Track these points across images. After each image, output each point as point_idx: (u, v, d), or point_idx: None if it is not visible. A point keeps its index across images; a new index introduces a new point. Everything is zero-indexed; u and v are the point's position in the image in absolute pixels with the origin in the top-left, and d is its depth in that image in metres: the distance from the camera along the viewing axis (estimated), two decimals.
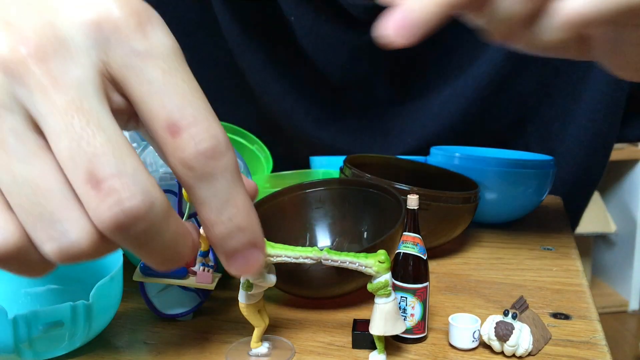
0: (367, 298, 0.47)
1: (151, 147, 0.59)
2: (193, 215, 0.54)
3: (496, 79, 0.83)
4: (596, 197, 2.34)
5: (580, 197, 0.92)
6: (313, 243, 0.63)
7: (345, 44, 0.82)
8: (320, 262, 0.44)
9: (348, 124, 0.88)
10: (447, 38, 0.83)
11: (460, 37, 0.83)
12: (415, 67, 0.85)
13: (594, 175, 0.89)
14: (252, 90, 0.88)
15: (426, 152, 0.80)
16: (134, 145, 0.69)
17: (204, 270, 0.50)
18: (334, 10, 0.80)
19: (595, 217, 2.32)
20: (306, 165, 0.86)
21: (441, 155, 0.74)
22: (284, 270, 0.50)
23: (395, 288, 0.47)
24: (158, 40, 0.24)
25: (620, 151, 2.19)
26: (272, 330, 0.50)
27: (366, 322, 0.46)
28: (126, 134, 0.69)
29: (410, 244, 0.48)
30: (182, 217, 0.54)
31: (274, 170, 0.81)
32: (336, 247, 0.62)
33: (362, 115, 0.88)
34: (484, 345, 0.47)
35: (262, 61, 0.86)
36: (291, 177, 0.77)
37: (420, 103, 0.86)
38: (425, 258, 0.48)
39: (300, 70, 0.86)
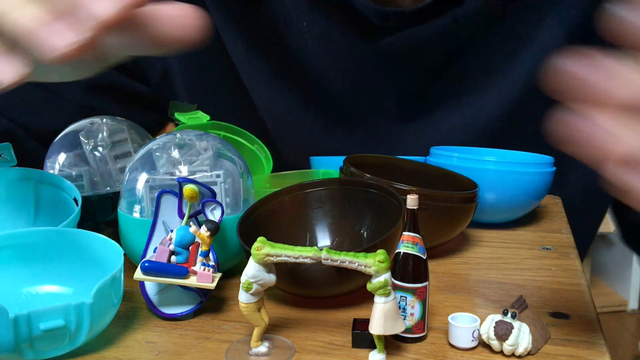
0: (367, 297, 0.47)
1: (153, 151, 0.59)
2: (193, 215, 0.54)
3: (510, 114, 0.82)
4: None
5: (601, 199, 0.92)
6: (313, 243, 0.63)
7: (357, 50, 0.82)
8: (320, 261, 0.44)
9: (355, 133, 0.88)
10: (460, 64, 0.82)
11: (473, 67, 0.82)
12: (425, 85, 0.84)
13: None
14: (258, 104, 0.88)
15: None
16: (135, 146, 0.69)
17: (204, 270, 0.51)
18: (347, 16, 0.80)
19: None
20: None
21: (441, 156, 0.75)
22: (284, 270, 0.50)
23: (395, 287, 0.47)
24: None
25: None
26: (272, 329, 0.50)
27: (366, 322, 0.46)
28: (123, 133, 0.69)
29: (410, 244, 0.48)
30: (182, 218, 0.54)
31: (277, 169, 0.81)
32: (336, 247, 0.62)
33: (370, 126, 0.87)
34: (483, 344, 0.47)
35: (267, 77, 0.86)
36: (291, 177, 0.77)
37: (427, 123, 0.85)
38: (424, 258, 0.48)
39: (308, 82, 0.85)
